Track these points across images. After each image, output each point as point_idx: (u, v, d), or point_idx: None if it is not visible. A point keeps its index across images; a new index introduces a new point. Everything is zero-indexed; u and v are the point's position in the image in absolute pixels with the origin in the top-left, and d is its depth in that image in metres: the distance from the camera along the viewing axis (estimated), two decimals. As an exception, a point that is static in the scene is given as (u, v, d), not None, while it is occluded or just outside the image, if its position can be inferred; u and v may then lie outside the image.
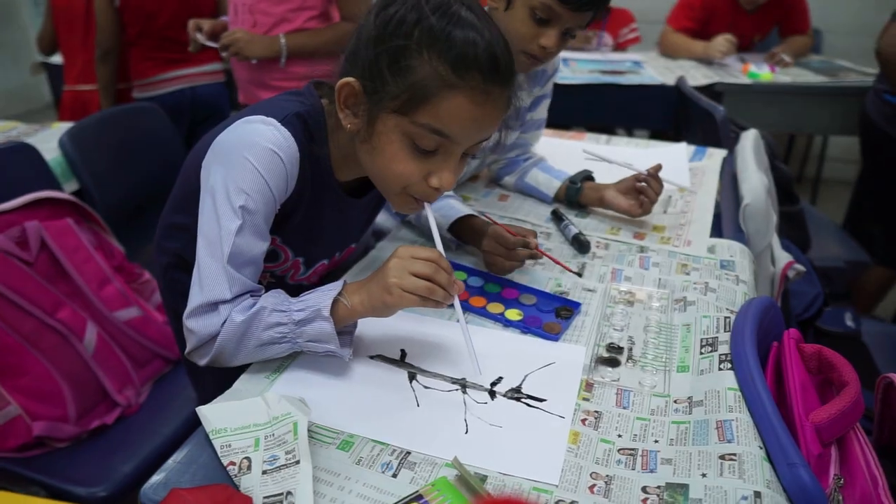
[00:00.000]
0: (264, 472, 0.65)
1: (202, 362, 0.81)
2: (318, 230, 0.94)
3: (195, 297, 0.78)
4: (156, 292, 1.48)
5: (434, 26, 0.72)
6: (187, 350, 0.81)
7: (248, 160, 0.77)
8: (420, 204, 0.83)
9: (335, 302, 0.77)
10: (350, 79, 0.76)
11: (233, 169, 0.78)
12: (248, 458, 0.67)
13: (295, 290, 0.90)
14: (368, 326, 0.88)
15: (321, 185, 0.88)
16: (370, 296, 0.78)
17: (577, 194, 1.30)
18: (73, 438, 1.23)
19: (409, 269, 0.76)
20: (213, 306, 0.77)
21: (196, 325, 0.78)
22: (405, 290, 0.75)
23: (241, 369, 0.82)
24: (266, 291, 0.82)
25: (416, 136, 0.75)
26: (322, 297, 0.77)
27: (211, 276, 0.77)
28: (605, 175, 1.47)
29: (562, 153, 1.57)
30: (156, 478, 0.67)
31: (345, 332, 0.80)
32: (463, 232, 1.11)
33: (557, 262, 1.06)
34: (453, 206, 1.13)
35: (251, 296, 0.80)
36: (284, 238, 0.91)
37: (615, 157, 1.53)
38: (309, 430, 0.71)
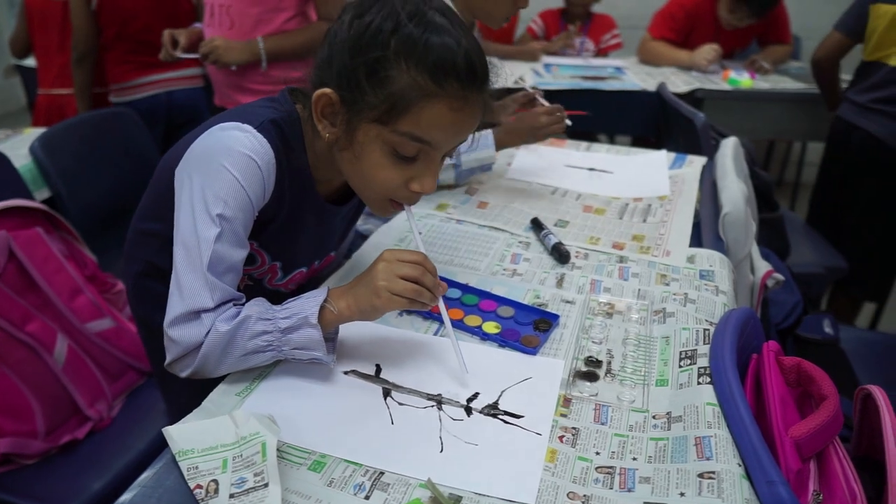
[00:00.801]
0: (232, 496, 0.63)
1: (184, 373, 0.79)
2: (297, 236, 0.93)
3: (176, 306, 0.76)
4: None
5: (411, 35, 0.72)
6: (168, 361, 0.79)
7: (224, 167, 0.76)
8: (400, 206, 0.84)
9: (321, 308, 0.77)
10: (327, 90, 0.76)
11: (209, 176, 0.77)
12: (215, 481, 0.65)
13: (272, 296, 0.88)
14: (343, 341, 0.86)
15: (300, 192, 0.88)
16: (357, 300, 0.78)
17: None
18: (41, 455, 1.20)
19: (397, 273, 0.77)
20: (196, 315, 0.76)
21: (178, 335, 0.76)
22: (394, 293, 0.76)
23: (215, 382, 0.80)
24: (244, 295, 0.81)
25: (397, 144, 0.76)
26: (308, 304, 0.77)
27: (191, 286, 0.76)
28: (587, 182, 1.47)
29: (542, 163, 1.57)
30: (119, 502, 0.65)
31: (328, 338, 0.80)
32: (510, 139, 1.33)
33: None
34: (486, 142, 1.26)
35: (234, 304, 0.79)
36: (261, 243, 0.90)
37: (595, 163, 1.53)
38: (279, 450, 0.69)
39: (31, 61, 2.96)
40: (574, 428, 0.75)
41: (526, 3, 1.32)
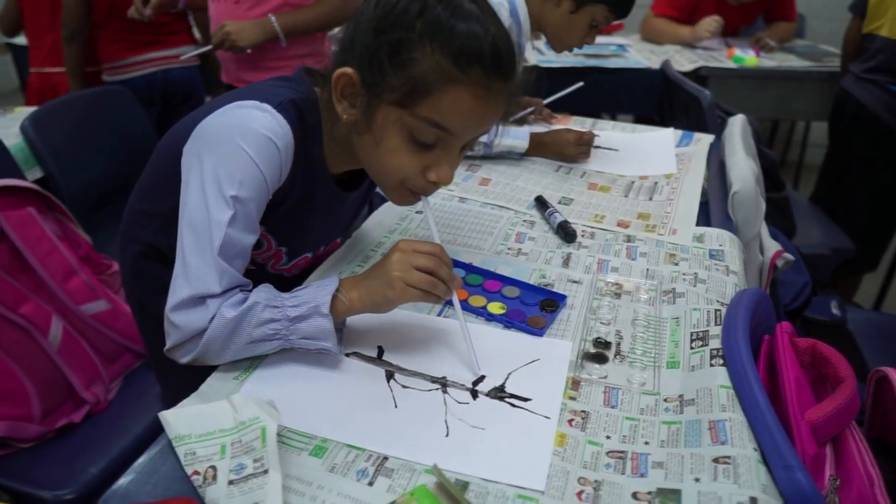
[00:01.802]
0: (231, 483, 0.61)
1: (184, 359, 0.76)
2: (306, 221, 0.91)
3: (181, 290, 0.73)
4: (125, 284, 1.43)
5: (437, 18, 0.70)
6: (168, 346, 0.76)
7: (241, 147, 0.73)
8: (417, 196, 0.81)
9: (333, 298, 0.74)
10: (348, 69, 0.73)
11: (224, 156, 0.73)
12: (213, 467, 0.63)
13: (275, 280, 0.86)
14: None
15: (313, 175, 0.85)
16: (370, 291, 0.76)
17: None
18: (37, 438, 1.18)
19: (413, 263, 0.75)
20: (201, 300, 0.73)
21: (181, 320, 0.73)
22: (408, 285, 0.74)
23: (213, 366, 0.78)
24: (251, 281, 0.78)
25: (415, 129, 0.73)
26: (319, 294, 0.74)
27: (198, 269, 0.73)
28: (593, 160, 1.44)
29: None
30: (114, 488, 0.63)
31: (336, 328, 0.76)
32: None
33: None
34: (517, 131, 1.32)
35: (240, 290, 0.76)
36: (269, 227, 0.87)
37: (601, 141, 1.50)
38: (279, 436, 0.67)
39: (21, 39, 2.91)
40: (584, 411, 0.73)
41: (593, 41, 1.38)
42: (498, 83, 0.73)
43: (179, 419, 0.67)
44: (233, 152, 0.73)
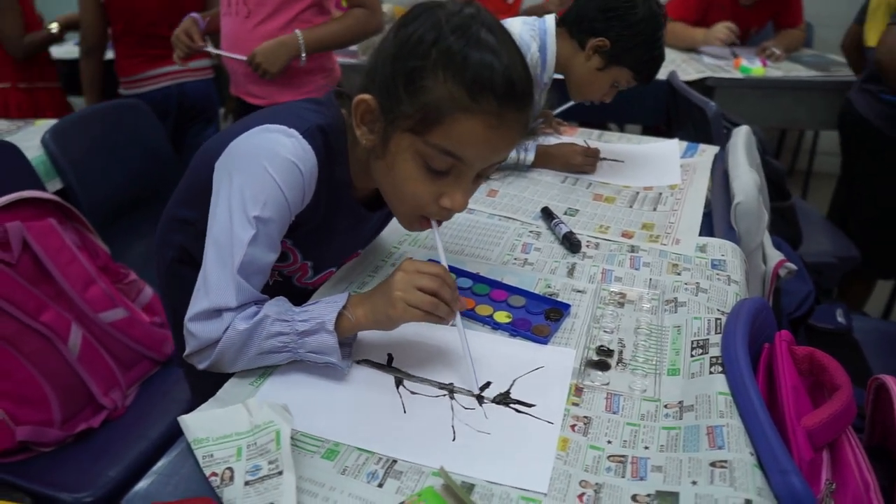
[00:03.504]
0: (247, 484, 0.64)
1: (201, 366, 0.80)
2: (330, 239, 0.94)
3: (200, 302, 0.77)
4: (142, 293, 1.46)
5: (451, 47, 0.71)
6: (187, 352, 0.80)
7: (266, 170, 0.76)
8: (429, 224, 0.82)
9: (339, 315, 0.77)
10: (367, 95, 0.76)
11: (250, 177, 0.77)
12: (230, 469, 0.65)
13: (301, 294, 0.88)
14: (355, 330, 0.87)
15: (337, 196, 0.88)
16: (374, 309, 0.78)
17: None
18: (58, 443, 1.21)
19: (415, 284, 0.76)
20: (218, 313, 0.77)
21: (198, 329, 0.77)
22: (410, 305, 0.75)
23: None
24: (273, 290, 0.82)
25: (428, 156, 0.75)
26: (326, 310, 0.77)
27: (218, 284, 0.77)
28: (598, 171, 1.47)
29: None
30: (136, 490, 0.66)
31: (345, 343, 0.79)
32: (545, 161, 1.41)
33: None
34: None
35: (255, 304, 0.79)
36: (295, 241, 0.91)
37: (606, 153, 1.52)
38: (293, 439, 0.70)
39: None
40: (586, 417, 0.75)
41: (610, 99, 1.42)
42: (511, 113, 0.73)
43: (198, 423, 0.71)
44: (259, 174, 0.76)
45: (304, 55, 1.71)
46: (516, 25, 1.34)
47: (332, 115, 0.84)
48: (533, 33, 1.34)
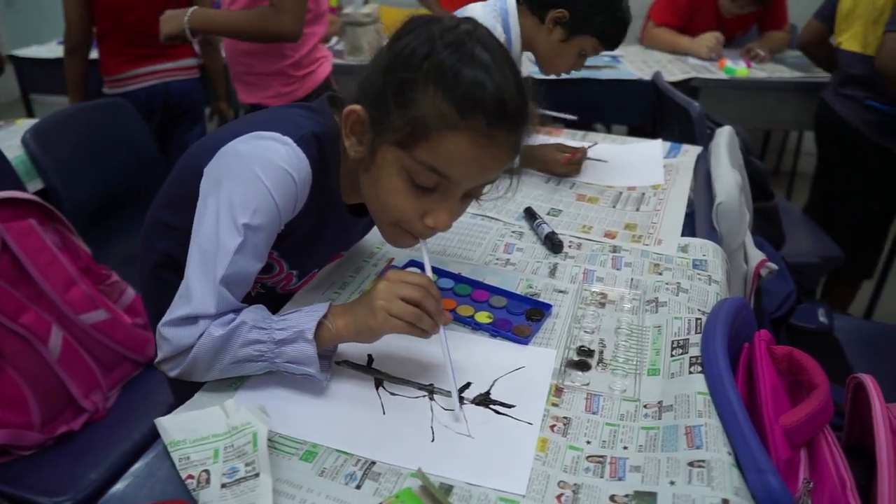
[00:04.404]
0: (223, 486, 0.63)
1: (172, 373, 0.77)
2: (317, 246, 0.93)
3: (179, 309, 0.75)
4: (124, 294, 1.45)
5: (443, 62, 0.69)
6: (158, 358, 0.78)
7: (258, 177, 0.74)
8: (413, 239, 0.81)
9: (319, 324, 0.75)
10: (357, 106, 0.75)
11: (241, 184, 0.75)
12: (206, 471, 0.65)
13: (282, 299, 0.87)
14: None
15: (327, 204, 0.87)
16: (355, 319, 0.76)
17: None
18: (37, 446, 1.20)
19: (398, 294, 0.74)
20: (194, 319, 0.74)
21: (172, 334, 0.75)
22: (391, 314, 0.73)
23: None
24: (255, 301, 0.79)
25: (414, 172, 0.73)
26: (306, 319, 0.75)
27: (198, 290, 0.74)
28: (582, 171, 1.47)
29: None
30: (112, 492, 0.66)
31: (324, 355, 0.77)
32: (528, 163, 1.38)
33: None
34: None
35: (233, 312, 0.77)
36: (282, 252, 0.89)
37: (590, 153, 1.52)
38: (271, 441, 0.70)
39: (23, 51, 2.94)
40: (565, 417, 0.75)
41: (580, 68, 1.41)
42: (501, 133, 0.71)
43: (174, 425, 0.70)
44: (250, 181, 0.74)
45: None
46: (477, 10, 1.33)
47: (326, 122, 0.83)
48: (495, 14, 1.33)
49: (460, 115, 0.69)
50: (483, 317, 0.93)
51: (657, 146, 1.60)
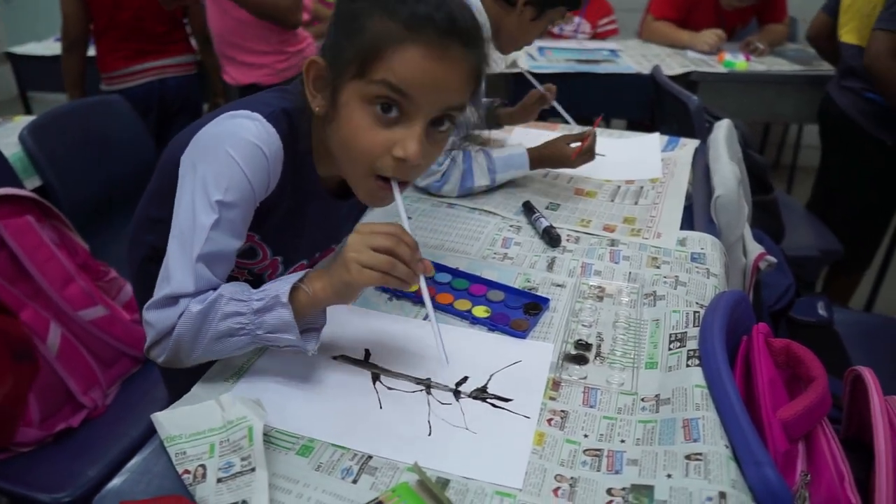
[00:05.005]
0: (219, 481, 0.63)
1: (160, 359, 0.77)
2: (299, 230, 0.92)
3: (160, 291, 0.75)
4: (122, 290, 1.45)
5: None
6: (146, 345, 0.78)
7: (229, 154, 0.75)
8: (389, 190, 0.79)
9: (295, 289, 0.73)
10: (315, 56, 0.76)
11: (213, 163, 0.75)
12: (202, 466, 0.65)
13: None
14: (332, 326, 0.85)
15: (304, 184, 0.86)
16: (330, 278, 0.74)
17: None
18: (36, 442, 1.20)
19: (369, 244, 0.72)
20: (174, 300, 0.74)
21: (154, 318, 0.75)
22: (363, 265, 0.71)
23: (210, 366, 0.80)
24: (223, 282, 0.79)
25: (374, 96, 0.72)
26: (280, 284, 0.73)
27: (177, 271, 0.75)
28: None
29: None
30: (109, 487, 0.66)
31: (312, 328, 0.77)
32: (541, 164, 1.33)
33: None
34: (513, 156, 1.30)
35: (212, 290, 0.76)
36: (263, 236, 0.89)
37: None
38: (268, 435, 0.70)
39: (22, 48, 2.94)
40: (563, 411, 0.75)
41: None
42: (455, 45, 0.71)
43: (171, 420, 0.70)
44: (221, 159, 0.75)
45: None
46: None
47: (297, 100, 0.83)
48: None
49: (408, 29, 0.70)
50: (480, 311, 0.92)
51: (655, 140, 1.59)
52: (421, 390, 0.78)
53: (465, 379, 0.80)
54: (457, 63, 0.73)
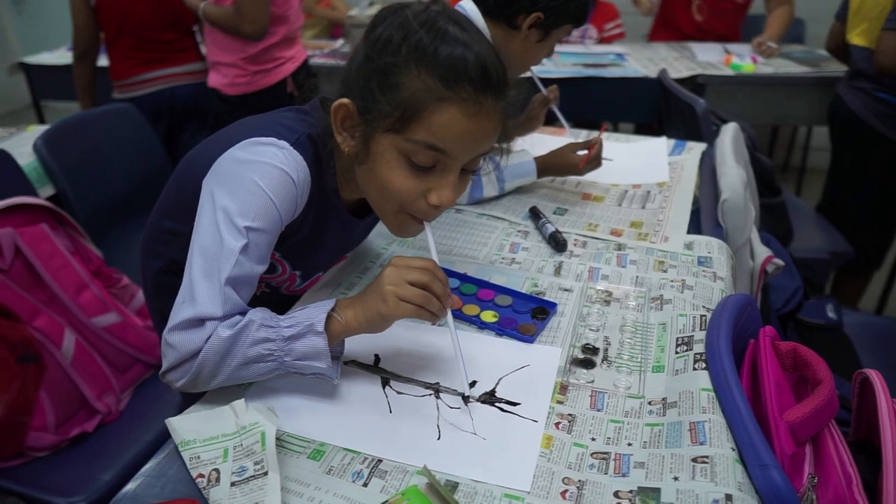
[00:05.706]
0: (233, 485, 0.64)
1: (178, 384, 0.75)
2: (319, 247, 0.94)
3: (183, 312, 0.73)
4: (135, 297, 1.47)
5: (421, 41, 0.71)
6: (164, 368, 0.75)
7: (257, 183, 0.75)
8: (418, 223, 0.81)
9: (329, 317, 0.75)
10: (345, 100, 0.76)
11: (242, 191, 0.75)
12: (216, 470, 0.66)
13: (288, 301, 0.87)
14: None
15: (326, 205, 0.88)
16: (364, 308, 0.75)
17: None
18: (52, 447, 1.22)
19: (406, 278, 0.74)
20: (201, 322, 0.73)
21: (178, 340, 0.73)
22: (401, 299, 0.73)
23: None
24: (260, 301, 0.80)
25: (411, 153, 0.74)
26: (314, 312, 0.74)
27: (204, 293, 0.73)
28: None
29: (543, 152, 1.56)
30: (124, 491, 0.67)
31: (333, 355, 0.76)
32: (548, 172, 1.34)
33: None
34: (521, 164, 1.30)
35: (240, 315, 0.76)
36: (284, 253, 0.90)
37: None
38: (280, 440, 0.71)
39: (35, 58, 2.97)
40: (570, 414, 0.76)
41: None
42: (489, 100, 0.73)
43: (185, 425, 0.71)
44: (250, 188, 0.75)
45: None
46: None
47: (320, 123, 0.83)
48: None
49: (447, 88, 0.71)
50: (489, 316, 0.93)
51: (661, 144, 1.60)
52: (430, 395, 0.79)
53: (473, 383, 0.81)
54: (490, 115, 0.75)
